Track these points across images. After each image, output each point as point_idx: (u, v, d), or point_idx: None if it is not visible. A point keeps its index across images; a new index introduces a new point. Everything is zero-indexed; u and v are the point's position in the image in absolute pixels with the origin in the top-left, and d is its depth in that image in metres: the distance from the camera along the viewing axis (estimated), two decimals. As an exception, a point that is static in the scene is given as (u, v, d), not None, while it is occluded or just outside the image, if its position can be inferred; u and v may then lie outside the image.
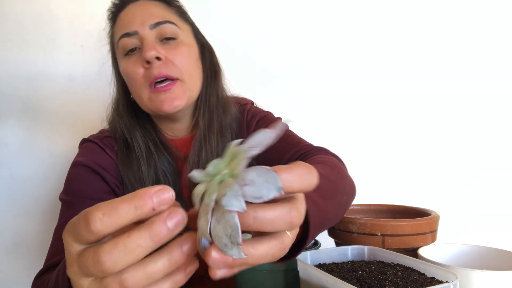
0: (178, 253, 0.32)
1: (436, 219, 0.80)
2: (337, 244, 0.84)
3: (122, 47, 0.77)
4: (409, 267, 0.62)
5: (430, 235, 0.78)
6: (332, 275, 0.55)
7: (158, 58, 0.73)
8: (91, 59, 1.19)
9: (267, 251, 0.33)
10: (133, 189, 0.61)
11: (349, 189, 0.66)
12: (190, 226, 0.34)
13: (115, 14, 0.81)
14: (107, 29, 0.86)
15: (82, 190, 0.74)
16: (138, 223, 0.30)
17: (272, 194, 0.29)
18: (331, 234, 0.85)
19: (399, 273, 0.60)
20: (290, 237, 0.34)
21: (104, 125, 0.88)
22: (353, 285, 0.50)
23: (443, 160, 1.74)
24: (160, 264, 0.31)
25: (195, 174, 0.33)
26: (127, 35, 0.75)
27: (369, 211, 0.95)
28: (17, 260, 1.13)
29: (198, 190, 0.32)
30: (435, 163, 1.72)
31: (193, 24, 0.85)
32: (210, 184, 0.32)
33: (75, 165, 0.79)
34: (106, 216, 0.29)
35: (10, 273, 1.12)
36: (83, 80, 1.18)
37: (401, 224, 0.75)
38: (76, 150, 1.13)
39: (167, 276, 0.33)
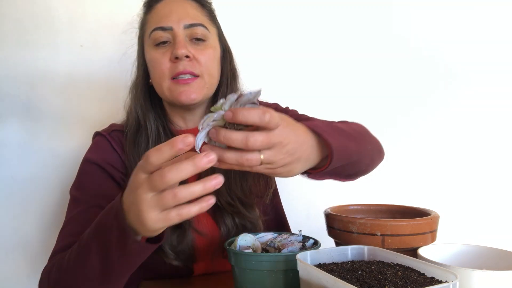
0: (209, 184, 0.48)
1: (436, 219, 0.80)
2: (337, 244, 0.84)
3: (155, 38, 0.83)
4: (408, 267, 0.62)
5: (430, 235, 0.78)
6: (332, 275, 0.55)
7: (187, 56, 0.81)
8: (91, 59, 1.19)
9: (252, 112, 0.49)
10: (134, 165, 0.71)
11: (374, 142, 0.79)
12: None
13: (151, 4, 0.87)
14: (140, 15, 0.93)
15: (91, 188, 0.81)
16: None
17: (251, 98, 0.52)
18: (331, 234, 0.85)
19: (399, 273, 0.60)
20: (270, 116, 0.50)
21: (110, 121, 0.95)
22: (353, 285, 0.50)
23: (443, 160, 1.74)
24: (197, 187, 0.48)
25: (208, 116, 0.53)
26: (162, 29, 0.82)
27: (369, 211, 0.95)
28: (16, 260, 1.13)
29: (208, 120, 0.53)
30: (435, 163, 1.72)
31: (219, 27, 0.92)
32: (214, 107, 0.53)
33: (86, 161, 0.86)
34: (155, 153, 0.48)
35: (10, 273, 1.12)
36: (83, 80, 1.18)
37: (401, 224, 0.75)
38: (76, 150, 1.14)
39: (197, 202, 0.49)
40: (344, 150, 0.64)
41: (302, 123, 0.61)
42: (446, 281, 0.55)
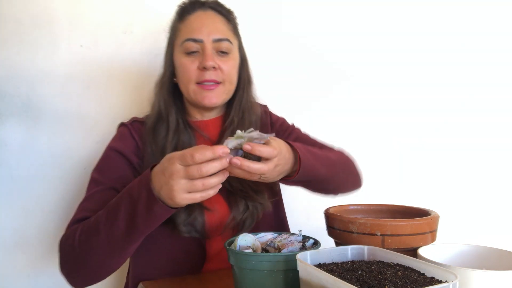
0: (218, 152, 0.66)
1: (436, 219, 0.80)
2: (337, 244, 0.84)
3: (186, 47, 0.94)
4: (408, 267, 0.62)
5: (429, 235, 0.78)
6: (332, 275, 0.55)
7: (213, 67, 0.93)
8: (91, 59, 1.19)
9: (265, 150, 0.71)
10: (153, 156, 0.93)
11: (349, 172, 0.94)
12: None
13: (183, 14, 0.98)
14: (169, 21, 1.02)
15: (110, 172, 0.93)
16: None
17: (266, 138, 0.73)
18: (331, 234, 0.85)
19: (399, 273, 0.60)
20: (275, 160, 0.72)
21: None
22: (353, 285, 0.50)
23: (443, 161, 1.74)
24: (216, 179, 0.69)
25: (229, 139, 0.72)
26: (194, 40, 0.94)
27: (369, 211, 0.95)
28: (16, 260, 1.13)
29: (230, 138, 0.72)
30: (435, 163, 1.72)
31: (240, 38, 1.04)
32: (236, 135, 0.72)
33: (110, 149, 0.97)
34: (201, 154, 0.65)
35: (9, 272, 1.12)
36: (83, 80, 1.18)
37: (401, 224, 0.75)
38: (76, 150, 1.15)
39: (215, 175, 0.69)
40: (311, 168, 0.82)
41: (287, 141, 0.80)
42: (446, 281, 0.55)
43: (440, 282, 0.56)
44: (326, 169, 0.87)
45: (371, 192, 1.57)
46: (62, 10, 1.15)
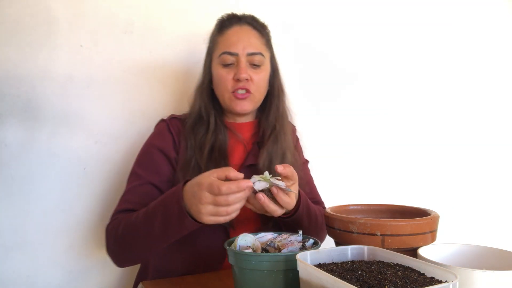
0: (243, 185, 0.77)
1: (436, 219, 0.80)
2: (337, 244, 0.84)
3: (223, 59, 1.05)
4: (408, 267, 0.62)
5: (430, 235, 0.78)
6: (332, 275, 0.55)
7: (246, 79, 1.03)
8: (91, 59, 1.19)
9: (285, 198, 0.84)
10: (192, 151, 1.04)
11: (320, 225, 1.04)
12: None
13: (222, 28, 1.08)
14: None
15: (149, 167, 1.04)
16: None
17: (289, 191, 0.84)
18: (331, 234, 0.85)
19: (399, 273, 0.60)
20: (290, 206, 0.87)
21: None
22: (353, 285, 0.50)
23: (443, 161, 1.74)
24: (238, 205, 0.80)
25: (256, 177, 0.82)
26: (230, 53, 1.04)
27: (369, 211, 0.95)
28: (17, 260, 1.13)
29: (257, 177, 0.82)
30: (436, 163, 1.72)
31: (272, 50, 1.13)
32: (262, 177, 0.82)
33: (151, 145, 1.07)
34: (227, 188, 0.75)
35: (9, 272, 1.12)
36: (83, 80, 1.18)
37: (401, 224, 0.75)
38: (76, 150, 1.15)
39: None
40: (299, 219, 0.94)
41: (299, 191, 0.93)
42: (446, 281, 0.55)
43: (440, 282, 0.56)
44: (308, 222, 0.99)
45: (371, 192, 1.57)
46: (62, 10, 1.15)
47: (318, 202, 1.19)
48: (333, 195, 1.25)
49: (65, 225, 1.18)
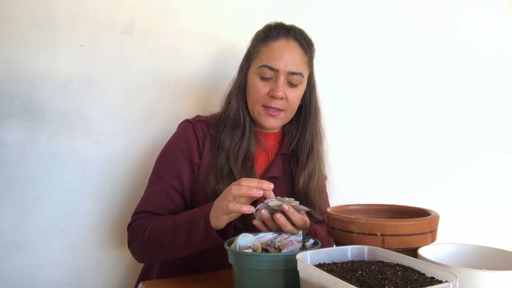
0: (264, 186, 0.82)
1: (436, 219, 0.80)
2: (337, 244, 0.84)
3: (262, 72, 1.03)
4: (409, 267, 0.62)
5: (430, 235, 0.78)
6: (332, 275, 0.55)
7: (281, 98, 1.02)
8: (91, 59, 1.19)
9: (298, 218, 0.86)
10: (224, 152, 1.04)
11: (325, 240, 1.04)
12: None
13: (268, 38, 1.05)
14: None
15: (172, 169, 1.04)
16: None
17: (302, 210, 0.87)
18: (331, 234, 0.85)
19: (399, 273, 0.60)
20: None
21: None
22: (353, 285, 0.50)
23: (443, 161, 1.74)
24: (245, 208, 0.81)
25: (274, 200, 0.85)
26: (271, 68, 1.02)
27: (369, 211, 0.95)
28: (16, 260, 1.13)
29: (274, 202, 0.84)
30: (435, 163, 1.72)
31: (312, 68, 1.11)
32: (278, 198, 0.84)
33: (174, 147, 1.07)
34: (247, 180, 0.83)
35: (9, 273, 1.12)
36: (83, 80, 1.18)
37: (401, 224, 0.75)
38: (76, 150, 1.14)
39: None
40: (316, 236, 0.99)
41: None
42: (446, 281, 0.55)
43: (440, 282, 0.56)
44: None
45: (371, 192, 1.57)
46: (62, 10, 1.15)
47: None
48: (333, 195, 1.25)
49: (65, 225, 1.18)
